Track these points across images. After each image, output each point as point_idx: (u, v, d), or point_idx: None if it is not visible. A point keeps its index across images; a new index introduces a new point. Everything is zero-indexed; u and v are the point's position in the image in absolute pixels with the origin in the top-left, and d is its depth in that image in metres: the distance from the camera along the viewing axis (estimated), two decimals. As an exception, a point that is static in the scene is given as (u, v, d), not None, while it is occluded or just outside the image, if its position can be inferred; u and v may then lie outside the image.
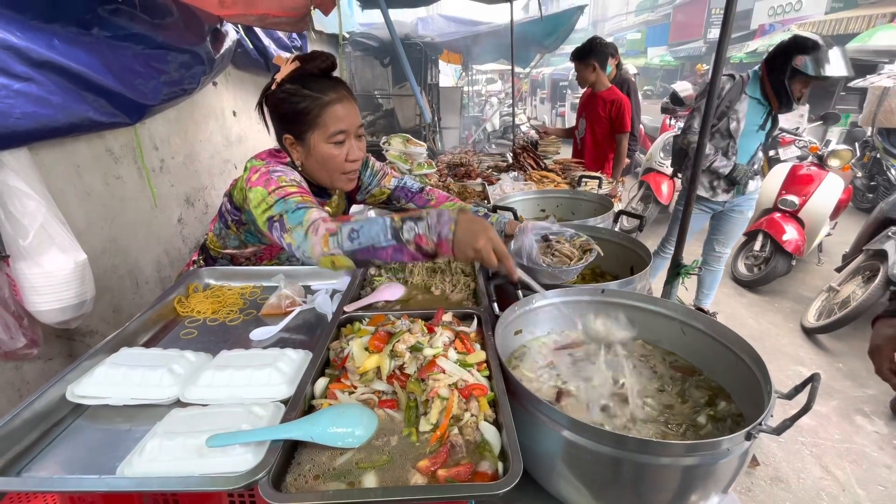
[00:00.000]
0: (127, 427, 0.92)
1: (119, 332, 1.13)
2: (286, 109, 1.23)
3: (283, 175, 1.20)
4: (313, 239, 1.02)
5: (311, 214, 1.09)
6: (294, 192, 1.15)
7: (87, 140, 2.45)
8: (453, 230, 0.96)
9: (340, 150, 1.27)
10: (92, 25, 2.31)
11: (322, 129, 1.23)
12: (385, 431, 0.82)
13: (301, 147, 1.28)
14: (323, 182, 1.35)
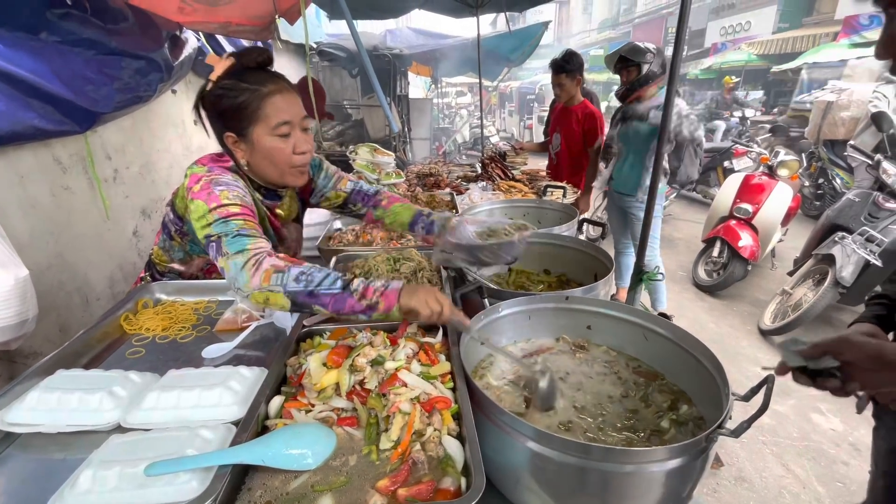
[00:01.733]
0: (61, 456, 0.84)
1: (56, 353, 1.05)
2: (225, 106, 1.17)
3: (227, 190, 1.14)
4: (251, 272, 1.00)
5: (254, 244, 1.06)
6: (237, 214, 1.11)
7: (33, 149, 2.31)
8: (402, 286, 1.00)
9: (286, 142, 1.21)
10: (40, 30, 2.20)
11: (264, 121, 1.18)
12: (344, 451, 0.79)
13: (245, 144, 1.21)
14: (272, 179, 1.28)
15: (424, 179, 3.23)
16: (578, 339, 1.23)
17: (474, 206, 2.24)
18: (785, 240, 4.82)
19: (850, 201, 3.62)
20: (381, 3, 5.09)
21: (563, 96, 3.53)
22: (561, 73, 3.43)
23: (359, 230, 1.97)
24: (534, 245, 1.75)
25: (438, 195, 2.62)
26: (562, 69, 3.42)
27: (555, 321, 1.24)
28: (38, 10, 2.16)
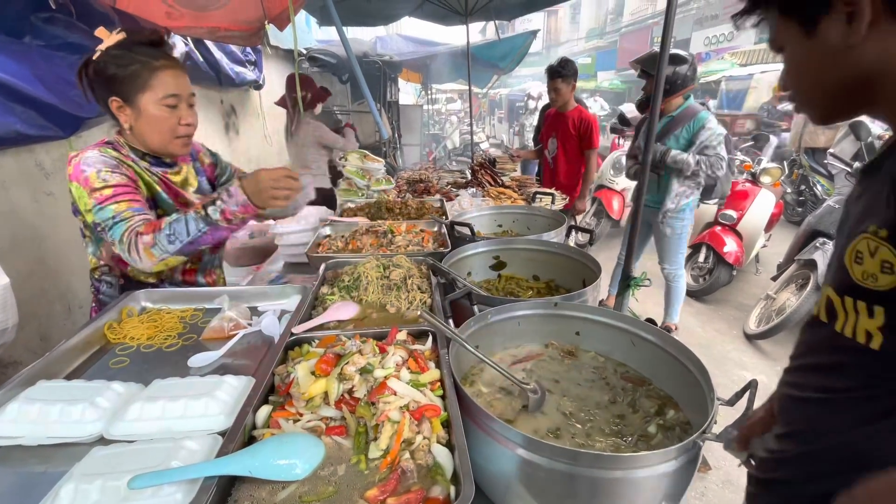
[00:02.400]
0: (42, 469, 0.82)
1: (36, 364, 1.02)
2: (113, 72, 1.26)
3: (94, 172, 1.24)
4: (135, 255, 1.20)
5: (126, 227, 1.21)
6: (109, 198, 1.23)
7: (15, 154, 2.27)
8: (244, 191, 1.22)
9: (173, 113, 1.32)
10: (24, 33, 2.18)
11: (152, 91, 1.28)
12: (332, 460, 0.78)
13: (130, 109, 1.30)
14: (154, 146, 1.37)
15: (414, 186, 3.23)
16: (567, 345, 1.23)
17: (464, 212, 2.25)
18: (768, 245, 4.92)
19: (830, 208, 3.71)
20: (370, 10, 5.11)
21: (559, 101, 3.65)
22: (557, 77, 3.56)
23: (347, 237, 1.96)
24: (523, 251, 1.76)
25: (428, 201, 2.62)
26: (558, 74, 3.55)
27: (544, 327, 1.25)
28: (22, 13, 2.14)
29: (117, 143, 1.38)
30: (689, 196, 3.12)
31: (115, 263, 1.45)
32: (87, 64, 1.28)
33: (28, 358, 2.23)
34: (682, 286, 3.47)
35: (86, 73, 1.29)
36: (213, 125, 4.33)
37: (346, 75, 6.77)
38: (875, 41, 0.61)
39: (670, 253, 3.33)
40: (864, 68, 0.63)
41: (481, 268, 1.77)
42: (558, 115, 3.74)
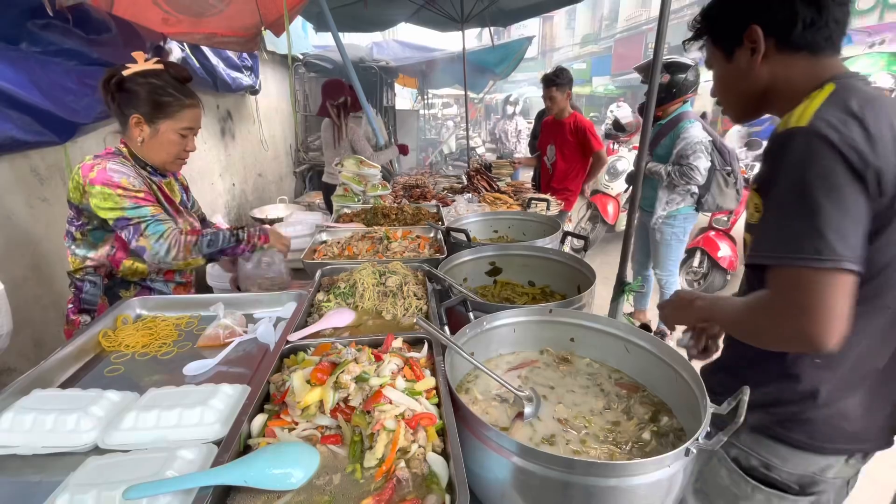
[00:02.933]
0: (37, 479, 0.82)
1: (31, 372, 1.02)
2: (147, 96, 1.45)
3: (125, 178, 1.42)
4: (174, 250, 1.43)
5: (170, 228, 1.45)
6: (145, 200, 1.44)
7: (10, 160, 2.27)
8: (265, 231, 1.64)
9: (183, 141, 1.55)
10: (20, 40, 2.18)
11: (175, 121, 1.50)
12: (328, 469, 0.78)
13: (148, 128, 1.48)
14: (155, 161, 1.56)
15: (411, 191, 3.24)
16: (562, 352, 1.24)
17: (460, 218, 2.26)
18: (763, 250, 4.94)
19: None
20: (367, 17, 5.14)
21: (554, 109, 3.67)
22: (552, 86, 3.57)
23: (343, 243, 1.96)
24: (518, 257, 1.77)
25: (424, 207, 2.63)
26: (552, 83, 3.57)
27: (539, 334, 1.25)
28: (18, 20, 2.14)
29: (122, 153, 1.53)
30: (680, 203, 3.14)
31: (108, 262, 1.56)
32: (113, 76, 1.43)
33: (22, 364, 2.21)
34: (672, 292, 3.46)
35: (112, 84, 1.43)
36: (210, 130, 4.32)
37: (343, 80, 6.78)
38: (767, 67, 0.97)
39: (661, 258, 3.36)
40: (761, 84, 0.99)
41: (477, 273, 1.78)
42: (555, 122, 3.77)
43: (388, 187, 3.10)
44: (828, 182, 0.80)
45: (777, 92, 0.97)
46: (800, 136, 0.84)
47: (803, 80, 0.94)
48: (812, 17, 0.91)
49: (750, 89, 1.01)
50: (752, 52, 0.97)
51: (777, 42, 0.95)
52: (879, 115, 0.83)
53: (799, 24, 0.92)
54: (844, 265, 0.79)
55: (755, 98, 1.02)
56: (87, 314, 1.55)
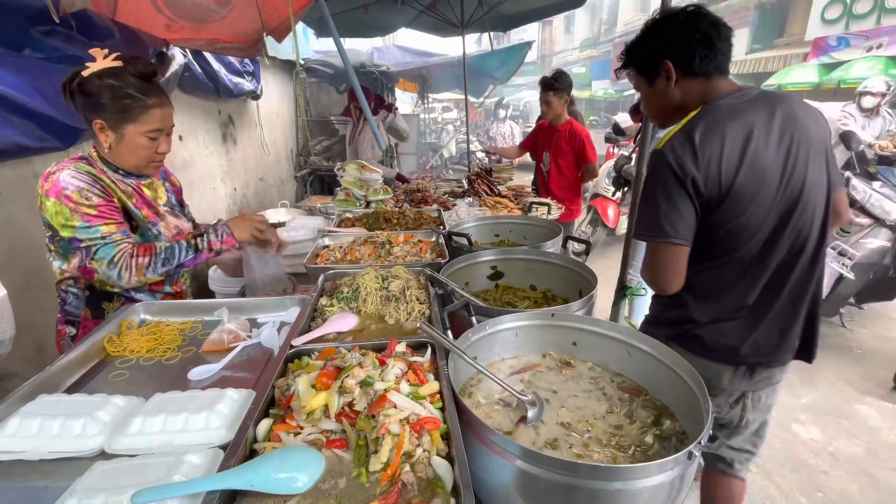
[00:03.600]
0: (43, 484, 0.82)
1: (37, 377, 1.03)
2: (106, 100, 1.33)
3: (78, 190, 1.32)
4: (126, 273, 1.34)
5: (119, 251, 1.34)
6: (96, 217, 1.33)
7: (13, 165, 2.28)
8: (230, 227, 1.51)
9: (153, 143, 1.43)
10: (23, 46, 2.19)
11: (139, 124, 1.38)
12: (333, 473, 0.79)
13: (113, 133, 1.38)
14: (127, 166, 1.47)
15: (412, 195, 3.25)
16: (564, 356, 1.25)
17: (461, 222, 2.27)
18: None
19: (822, 216, 3.76)
20: (368, 22, 5.17)
21: (550, 114, 3.56)
22: (549, 90, 3.45)
23: (345, 247, 1.97)
24: (520, 261, 1.78)
25: (426, 211, 2.64)
26: (550, 87, 3.44)
27: (541, 338, 1.26)
28: (22, 26, 2.15)
29: (91, 157, 1.44)
30: None
31: (81, 274, 1.47)
32: (73, 78, 1.33)
33: (25, 369, 2.22)
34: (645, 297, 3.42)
35: (72, 87, 1.34)
36: (211, 135, 4.34)
37: (343, 85, 6.81)
38: (678, 89, 1.34)
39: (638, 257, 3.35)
40: (675, 101, 1.36)
41: (479, 278, 1.79)
42: (550, 128, 3.65)
43: (390, 192, 3.12)
44: (664, 188, 1.27)
45: (684, 106, 1.35)
46: (655, 156, 1.30)
47: (698, 98, 1.33)
48: (705, 53, 1.28)
49: (668, 105, 1.39)
50: (667, 79, 1.34)
51: (683, 71, 1.32)
52: (713, 135, 1.22)
53: (697, 58, 1.29)
54: (672, 240, 1.27)
55: (671, 110, 1.39)
56: (72, 325, 1.52)
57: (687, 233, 1.27)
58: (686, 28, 1.30)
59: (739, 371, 1.36)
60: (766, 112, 1.25)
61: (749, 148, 1.22)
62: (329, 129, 7.22)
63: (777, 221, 1.26)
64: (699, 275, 1.33)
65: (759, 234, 1.27)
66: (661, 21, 1.36)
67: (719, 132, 1.22)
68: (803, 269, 1.32)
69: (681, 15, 1.32)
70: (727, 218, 1.25)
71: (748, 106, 1.26)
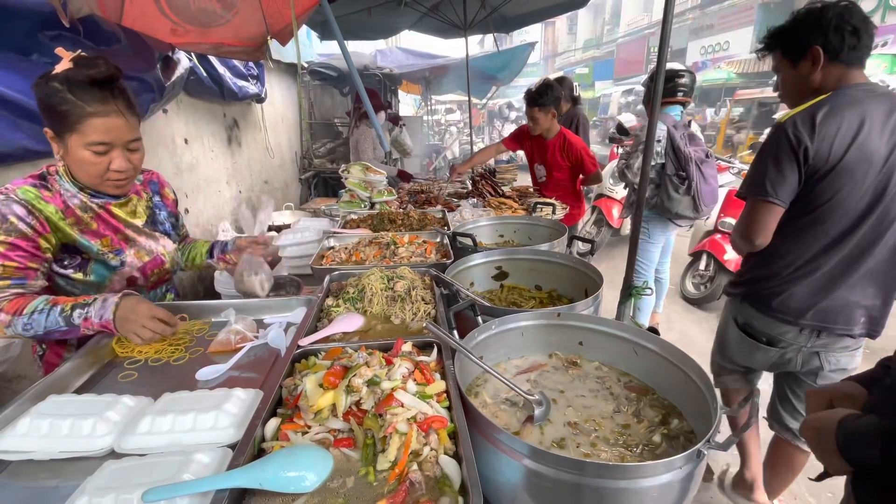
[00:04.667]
0: (54, 484, 0.83)
1: (47, 378, 1.04)
2: (47, 106, 1.20)
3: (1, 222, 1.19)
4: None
5: None
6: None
7: (20, 169, 2.30)
8: (114, 312, 1.22)
9: (100, 158, 1.26)
10: (31, 51, 2.22)
11: (80, 134, 1.21)
12: (341, 472, 0.79)
13: (60, 144, 1.25)
14: (86, 182, 1.32)
15: (416, 196, 3.26)
16: (571, 355, 1.24)
17: (465, 223, 2.27)
18: (769, 252, 4.93)
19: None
20: (371, 25, 5.19)
21: (538, 129, 3.32)
22: (534, 106, 3.19)
23: (351, 248, 1.98)
24: (525, 261, 1.78)
25: (430, 212, 2.65)
26: (534, 103, 3.18)
27: (547, 337, 1.26)
28: (30, 32, 2.18)
29: (51, 174, 1.32)
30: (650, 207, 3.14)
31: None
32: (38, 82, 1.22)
33: (31, 372, 2.23)
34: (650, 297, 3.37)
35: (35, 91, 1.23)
36: (216, 138, 4.37)
37: (346, 88, 6.85)
38: (821, 73, 1.49)
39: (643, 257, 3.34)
40: (815, 84, 1.51)
41: (484, 278, 1.79)
42: (541, 141, 3.38)
43: (394, 193, 3.13)
44: (775, 154, 1.48)
45: (821, 89, 1.50)
46: (776, 127, 1.51)
47: (835, 84, 1.48)
48: (854, 43, 1.43)
49: (806, 88, 1.54)
50: (813, 63, 1.49)
51: (829, 57, 1.47)
52: (833, 117, 1.41)
53: (846, 47, 1.44)
54: (770, 199, 1.50)
55: (808, 92, 1.53)
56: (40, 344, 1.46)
57: (785, 196, 1.49)
58: (841, 18, 1.44)
59: (805, 332, 1.61)
60: (886, 107, 1.42)
61: (861, 133, 1.40)
62: (333, 131, 7.25)
63: (868, 203, 1.44)
64: (787, 239, 1.55)
65: (852, 212, 1.46)
66: (817, 10, 1.49)
67: (839, 115, 1.41)
68: (882, 252, 1.49)
69: (837, 6, 1.46)
70: (828, 190, 1.45)
71: (871, 99, 1.43)
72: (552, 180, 3.46)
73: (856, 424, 0.80)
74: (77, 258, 1.33)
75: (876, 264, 1.50)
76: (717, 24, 18.31)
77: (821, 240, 1.52)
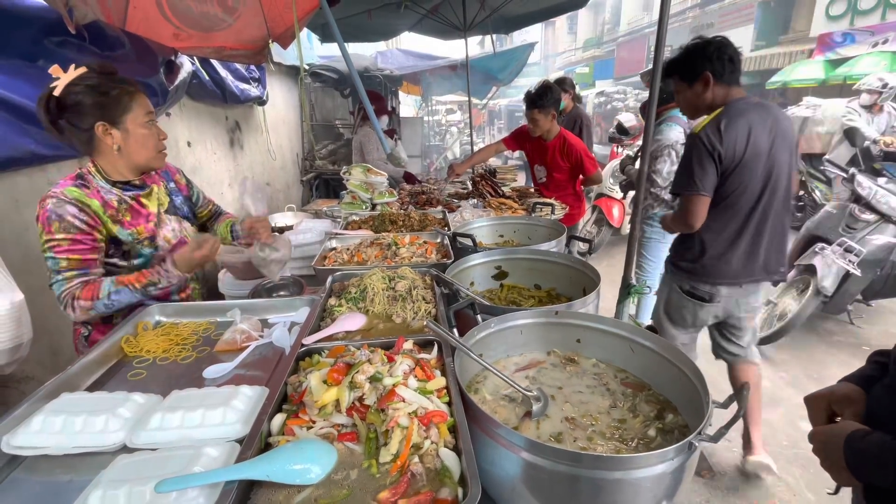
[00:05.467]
0: (68, 478, 0.86)
1: (59, 377, 1.07)
2: (96, 99, 1.36)
3: (59, 221, 1.36)
4: (71, 312, 1.39)
5: (65, 289, 1.37)
6: (64, 252, 1.37)
7: (28, 173, 2.34)
8: (175, 262, 1.47)
9: (152, 129, 1.48)
10: (38, 57, 2.25)
11: (135, 112, 1.42)
12: (345, 465, 0.82)
13: (118, 131, 1.41)
14: (140, 162, 1.49)
15: (417, 197, 3.29)
16: (569, 353, 1.27)
17: (466, 223, 2.30)
18: (769, 251, 4.94)
19: (828, 213, 3.75)
20: (371, 27, 5.23)
21: (538, 131, 3.33)
22: (534, 108, 3.20)
23: (352, 249, 2.01)
24: (524, 261, 1.81)
25: (431, 213, 2.67)
26: (534, 105, 3.19)
27: (546, 335, 1.29)
28: (36, 38, 2.21)
29: (88, 174, 1.46)
30: (656, 207, 3.17)
31: None
32: (48, 99, 1.33)
33: (39, 372, 2.27)
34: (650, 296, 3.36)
35: (50, 107, 1.34)
36: (219, 141, 4.41)
37: (347, 90, 6.88)
38: (712, 91, 2.00)
39: (639, 258, 3.37)
40: (708, 101, 2.02)
41: (484, 277, 1.81)
42: (541, 143, 3.41)
43: (395, 194, 3.16)
44: (698, 158, 1.93)
45: (712, 105, 2.02)
46: (693, 137, 1.97)
47: (722, 100, 1.99)
48: (732, 68, 1.97)
49: (701, 103, 2.06)
50: (704, 84, 2.00)
51: (716, 80, 1.98)
52: (732, 126, 1.89)
53: (727, 72, 1.96)
54: (701, 192, 1.96)
55: (703, 107, 2.06)
56: (85, 325, 1.57)
57: (710, 189, 1.96)
58: (720, 51, 1.96)
59: (734, 286, 2.11)
60: (764, 114, 1.93)
61: (752, 135, 1.89)
62: (334, 132, 7.29)
63: (762, 186, 1.95)
64: (714, 221, 2.02)
65: (753, 194, 1.96)
66: (702, 44, 2.01)
67: (736, 124, 1.89)
68: (774, 218, 2.02)
69: (716, 42, 1.99)
70: (735, 181, 1.94)
71: (753, 108, 1.93)
72: (552, 181, 3.48)
73: (866, 444, 0.78)
74: (119, 248, 1.49)
75: (772, 227, 2.02)
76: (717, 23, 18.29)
77: (737, 217, 2.00)
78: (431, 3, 5.00)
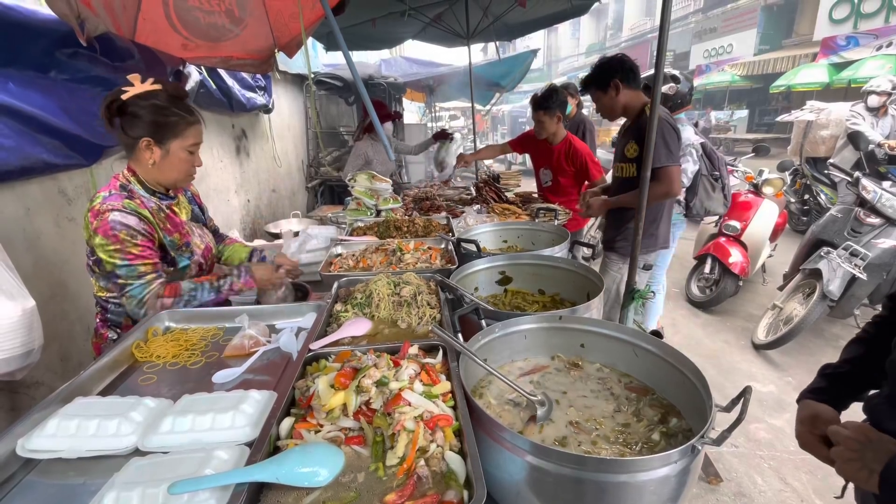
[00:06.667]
0: (81, 481, 0.88)
1: (72, 382, 1.09)
2: (154, 118, 1.47)
3: (126, 230, 1.44)
4: (151, 312, 1.48)
5: (148, 290, 1.47)
6: (138, 258, 1.46)
7: (40, 182, 2.38)
8: (252, 273, 1.65)
9: (191, 157, 1.60)
10: (49, 69, 2.30)
11: (183, 139, 1.54)
12: (352, 468, 0.83)
13: (159, 149, 1.51)
14: (169, 180, 1.60)
15: (421, 203, 3.31)
16: (572, 357, 1.28)
17: (470, 229, 2.32)
18: (774, 255, 4.92)
19: (833, 217, 3.73)
20: (375, 35, 5.28)
21: (544, 134, 3.36)
22: (540, 110, 3.25)
23: (358, 255, 2.03)
24: (528, 266, 1.82)
25: (435, 219, 2.69)
26: (540, 107, 3.24)
27: (549, 340, 1.30)
28: (48, 50, 2.26)
29: (129, 182, 1.55)
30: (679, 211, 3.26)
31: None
32: (114, 101, 1.44)
33: (49, 378, 2.30)
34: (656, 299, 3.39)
35: (113, 109, 1.44)
36: (225, 148, 4.46)
37: (352, 97, 6.95)
38: (623, 95, 2.46)
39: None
40: (621, 103, 2.49)
41: (488, 283, 1.83)
42: (546, 146, 3.43)
43: (399, 200, 3.18)
44: (672, 136, 2.33)
45: (626, 107, 2.47)
46: (661, 120, 2.17)
47: (631, 102, 2.45)
48: (634, 75, 2.42)
49: (618, 106, 2.48)
50: (616, 90, 2.41)
51: (625, 85, 2.41)
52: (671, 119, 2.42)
53: (630, 77, 2.40)
54: (678, 163, 2.39)
55: (618, 109, 2.49)
56: (114, 330, 1.63)
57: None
58: (623, 62, 2.42)
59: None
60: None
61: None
62: (339, 140, 7.34)
63: None
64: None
65: None
66: (609, 58, 2.47)
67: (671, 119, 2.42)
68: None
69: (619, 56, 2.47)
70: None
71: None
72: (557, 185, 3.50)
73: None
74: (167, 254, 1.60)
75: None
76: (720, 28, 18.33)
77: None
78: (435, 11, 5.05)
